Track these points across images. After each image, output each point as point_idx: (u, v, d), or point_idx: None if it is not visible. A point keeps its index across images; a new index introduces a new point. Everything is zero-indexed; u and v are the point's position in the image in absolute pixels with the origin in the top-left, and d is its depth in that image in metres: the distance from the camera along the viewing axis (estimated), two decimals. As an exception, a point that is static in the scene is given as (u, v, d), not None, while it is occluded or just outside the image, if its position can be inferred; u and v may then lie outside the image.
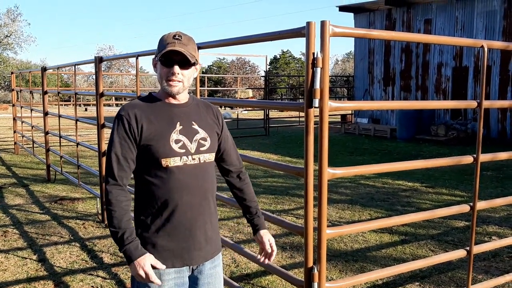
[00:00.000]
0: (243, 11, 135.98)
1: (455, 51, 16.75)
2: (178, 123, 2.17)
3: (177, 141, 2.14)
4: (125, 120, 2.11)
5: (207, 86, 29.36)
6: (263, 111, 21.28)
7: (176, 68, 2.12)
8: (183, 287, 2.22)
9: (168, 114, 2.18)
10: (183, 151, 2.14)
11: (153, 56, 2.22)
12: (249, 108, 24.11)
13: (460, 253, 3.42)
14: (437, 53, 17.31)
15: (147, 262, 2.06)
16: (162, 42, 2.14)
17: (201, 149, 2.20)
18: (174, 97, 2.19)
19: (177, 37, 2.12)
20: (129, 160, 2.13)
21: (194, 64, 2.17)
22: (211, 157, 2.25)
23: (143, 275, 2.05)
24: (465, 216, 6.17)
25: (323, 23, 2.37)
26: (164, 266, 2.12)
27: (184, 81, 2.15)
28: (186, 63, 2.13)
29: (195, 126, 2.21)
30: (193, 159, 2.17)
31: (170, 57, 2.11)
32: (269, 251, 2.40)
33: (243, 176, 2.47)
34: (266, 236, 2.41)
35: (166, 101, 2.20)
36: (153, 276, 2.06)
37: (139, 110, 2.14)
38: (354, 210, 6.82)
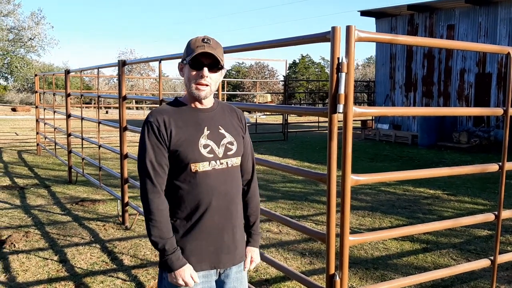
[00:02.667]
0: (262, 16, 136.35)
1: (478, 57, 16.51)
2: (206, 127, 2.18)
3: (205, 146, 2.15)
4: (154, 126, 2.12)
5: (226, 90, 29.51)
6: (281, 115, 21.22)
7: (206, 71, 2.13)
8: None
9: (195, 119, 2.19)
10: (211, 155, 2.15)
11: (180, 60, 2.23)
12: (267, 113, 24.10)
13: (483, 263, 3.35)
14: (460, 59, 17.08)
15: (186, 273, 2.12)
16: (191, 46, 2.15)
17: (229, 153, 2.21)
18: (200, 101, 2.21)
19: (205, 40, 2.14)
20: (164, 165, 2.14)
21: (221, 68, 2.18)
22: (237, 161, 2.26)
23: (183, 284, 2.12)
24: (488, 225, 6.06)
25: (348, 28, 2.35)
26: (198, 281, 2.16)
27: (211, 84, 2.17)
28: (215, 67, 2.15)
29: (222, 131, 2.22)
30: (221, 163, 2.18)
31: (199, 60, 2.12)
32: (247, 266, 2.39)
33: (252, 185, 2.41)
34: (250, 253, 2.40)
35: (193, 105, 2.22)
36: (191, 284, 2.14)
37: (167, 115, 2.15)
38: (374, 217, 6.75)
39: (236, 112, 2.36)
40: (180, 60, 2.26)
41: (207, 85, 2.14)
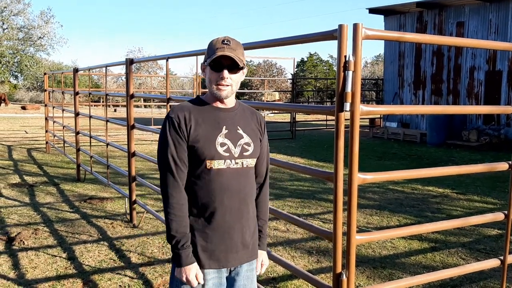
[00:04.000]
0: (270, 14, 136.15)
1: (489, 54, 16.36)
2: (224, 127, 2.22)
3: (222, 144, 2.18)
4: (175, 121, 2.17)
5: (235, 88, 29.52)
6: (289, 114, 21.18)
7: (225, 73, 2.16)
8: (220, 287, 2.27)
9: (215, 117, 2.22)
10: (227, 154, 2.19)
11: (202, 61, 2.28)
12: (275, 111, 24.04)
13: (493, 263, 3.31)
14: (470, 57, 16.95)
15: (192, 272, 2.16)
16: (211, 47, 2.19)
17: (245, 154, 2.24)
18: (221, 101, 2.24)
19: (226, 42, 2.17)
20: (185, 160, 2.19)
21: (242, 68, 2.21)
22: (253, 162, 2.29)
23: (185, 281, 2.18)
24: (498, 224, 6.00)
25: (355, 26, 2.33)
26: (202, 282, 2.20)
27: (233, 85, 2.21)
28: (235, 68, 2.18)
29: (240, 131, 2.25)
30: (236, 163, 2.21)
31: (219, 61, 2.16)
32: (259, 269, 2.45)
33: (263, 189, 2.44)
34: (260, 256, 2.45)
35: (214, 104, 2.25)
36: (194, 284, 2.18)
37: (187, 112, 2.20)
38: (382, 215, 6.72)
39: (256, 115, 2.39)
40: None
41: (228, 85, 2.18)
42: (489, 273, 4.57)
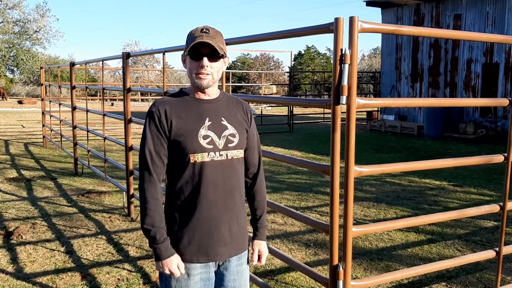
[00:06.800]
0: (268, 7, 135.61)
1: (486, 47, 16.35)
2: (207, 118, 2.18)
3: (205, 137, 2.15)
4: (155, 116, 2.14)
5: (231, 82, 29.43)
6: (287, 107, 21.17)
7: (205, 61, 2.12)
8: (208, 282, 2.24)
9: (197, 109, 2.18)
10: (211, 147, 2.15)
11: (182, 52, 2.23)
12: (273, 104, 24.02)
13: (488, 254, 3.34)
14: (467, 49, 16.93)
15: (173, 263, 2.13)
16: (190, 37, 2.15)
17: (229, 145, 2.19)
18: (204, 92, 2.20)
19: (204, 30, 2.13)
20: (162, 155, 2.15)
21: (222, 56, 2.17)
22: (239, 153, 2.24)
23: (168, 273, 2.15)
24: (494, 216, 6.04)
25: (351, 19, 2.33)
26: (184, 272, 2.17)
27: (213, 73, 2.15)
28: (214, 56, 2.14)
29: (224, 122, 2.21)
30: (221, 155, 2.17)
31: (198, 50, 2.12)
32: (255, 261, 2.39)
33: (258, 179, 2.40)
34: (258, 246, 2.40)
35: (196, 96, 2.21)
36: (177, 275, 2.15)
37: (169, 106, 2.16)
38: (379, 208, 6.74)
39: (242, 104, 2.34)
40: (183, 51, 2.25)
41: (208, 74, 2.14)
42: (485, 264, 4.60)
